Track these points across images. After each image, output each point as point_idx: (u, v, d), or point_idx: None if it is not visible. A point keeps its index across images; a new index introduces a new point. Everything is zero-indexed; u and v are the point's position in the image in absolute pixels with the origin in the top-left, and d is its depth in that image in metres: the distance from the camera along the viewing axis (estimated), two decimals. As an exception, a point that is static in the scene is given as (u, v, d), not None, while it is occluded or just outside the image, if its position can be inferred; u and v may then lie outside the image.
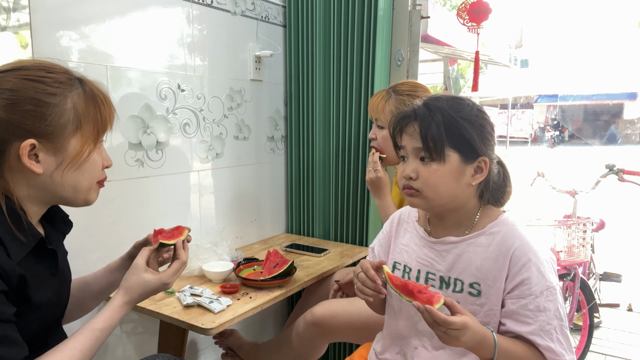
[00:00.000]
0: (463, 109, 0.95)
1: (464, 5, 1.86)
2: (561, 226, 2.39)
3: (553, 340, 0.90)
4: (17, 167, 0.80)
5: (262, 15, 2.05)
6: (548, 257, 0.95)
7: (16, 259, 0.78)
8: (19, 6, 1.24)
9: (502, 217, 0.99)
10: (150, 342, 1.68)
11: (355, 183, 2.04)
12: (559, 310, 0.91)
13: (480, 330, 0.87)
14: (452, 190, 0.96)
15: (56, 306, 0.92)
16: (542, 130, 18.55)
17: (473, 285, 0.97)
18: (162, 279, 0.96)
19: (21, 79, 0.79)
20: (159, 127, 1.64)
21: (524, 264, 0.92)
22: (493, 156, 0.99)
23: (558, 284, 0.94)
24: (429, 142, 0.94)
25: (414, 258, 1.06)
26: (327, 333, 1.52)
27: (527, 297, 0.91)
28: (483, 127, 0.96)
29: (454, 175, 0.95)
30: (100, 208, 1.46)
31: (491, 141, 0.97)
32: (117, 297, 0.92)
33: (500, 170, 1.02)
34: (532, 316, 0.90)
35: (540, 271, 0.91)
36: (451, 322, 0.83)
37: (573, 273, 2.46)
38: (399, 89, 1.57)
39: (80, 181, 0.86)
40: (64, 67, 0.85)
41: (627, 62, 17.67)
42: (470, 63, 9.86)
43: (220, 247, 1.73)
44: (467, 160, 0.95)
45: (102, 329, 0.87)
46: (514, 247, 0.93)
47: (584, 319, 2.55)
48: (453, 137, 0.93)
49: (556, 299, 0.91)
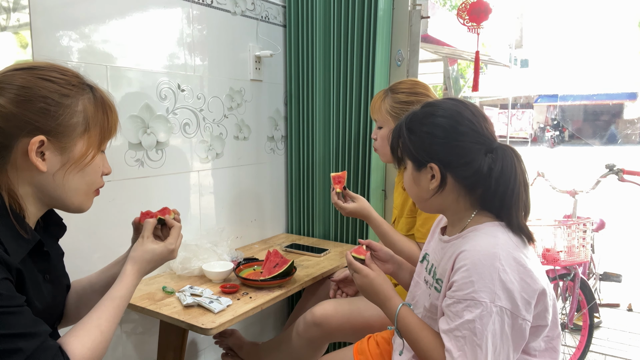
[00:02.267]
0: (412, 119, 1.02)
1: (464, 5, 1.86)
2: (561, 226, 2.39)
3: (459, 347, 0.88)
4: (22, 163, 0.81)
5: (262, 15, 2.05)
6: (498, 275, 0.86)
7: (15, 259, 0.78)
8: (19, 6, 1.24)
9: (486, 223, 0.97)
10: (150, 342, 1.68)
11: (355, 183, 2.04)
12: (474, 325, 0.85)
13: (383, 291, 1.04)
14: (417, 194, 1.05)
15: (52, 310, 0.92)
16: (542, 130, 18.55)
17: (438, 281, 1.02)
18: (168, 245, 0.99)
19: (35, 77, 0.81)
20: (159, 127, 1.64)
21: (458, 267, 0.91)
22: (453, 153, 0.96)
23: (497, 305, 0.85)
24: (394, 149, 1.07)
25: (433, 251, 1.13)
26: (327, 333, 1.52)
27: (451, 298, 0.91)
28: (425, 132, 0.98)
29: (414, 180, 1.04)
30: (100, 208, 1.46)
31: (436, 141, 0.97)
32: (127, 266, 0.95)
33: (491, 169, 0.95)
34: (451, 317, 0.91)
35: (471, 280, 0.87)
36: (356, 266, 1.07)
37: (573, 273, 2.46)
38: (395, 87, 1.57)
39: (80, 184, 0.87)
40: (76, 71, 0.87)
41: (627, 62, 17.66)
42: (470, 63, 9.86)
43: (220, 247, 1.73)
44: (418, 167, 1.01)
45: (120, 296, 0.90)
46: (460, 249, 0.93)
47: (584, 319, 2.55)
48: (404, 146, 1.03)
49: (477, 314, 0.85)
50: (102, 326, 0.84)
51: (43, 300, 0.87)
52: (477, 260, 0.89)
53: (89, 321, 0.84)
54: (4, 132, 0.78)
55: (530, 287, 0.88)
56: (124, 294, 0.91)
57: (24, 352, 0.70)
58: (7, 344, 0.70)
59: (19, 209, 0.81)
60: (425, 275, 1.12)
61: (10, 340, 0.70)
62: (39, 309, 0.84)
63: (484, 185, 0.96)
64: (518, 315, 0.87)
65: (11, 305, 0.72)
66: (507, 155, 0.96)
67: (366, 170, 2.01)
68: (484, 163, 0.95)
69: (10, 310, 0.72)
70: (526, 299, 0.88)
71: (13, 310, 0.72)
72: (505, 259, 0.88)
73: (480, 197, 0.99)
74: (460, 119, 0.97)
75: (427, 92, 1.56)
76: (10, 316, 0.71)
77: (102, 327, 0.84)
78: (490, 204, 0.98)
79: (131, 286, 0.93)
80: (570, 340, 2.61)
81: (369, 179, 2.00)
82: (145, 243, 0.97)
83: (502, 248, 0.90)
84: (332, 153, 2.08)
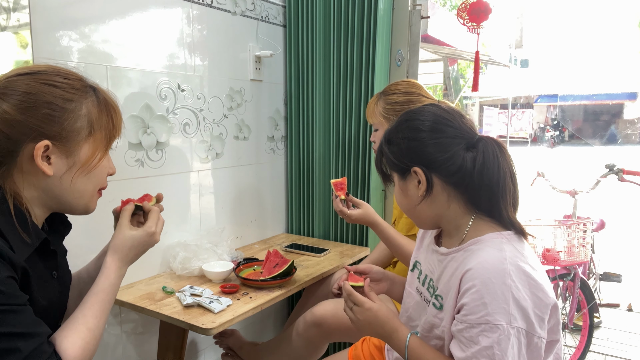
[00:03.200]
0: (389, 129, 1.01)
1: (464, 5, 1.86)
2: (561, 226, 2.39)
3: None
4: (28, 168, 0.81)
5: (262, 15, 2.05)
6: (511, 294, 0.81)
7: (21, 257, 0.78)
8: (19, 6, 1.24)
9: (488, 235, 0.91)
10: (150, 342, 1.68)
11: (355, 183, 2.04)
12: (493, 351, 0.80)
13: (389, 322, 0.95)
14: (408, 207, 1.01)
15: (56, 307, 0.92)
16: (542, 130, 18.56)
17: (437, 297, 0.96)
18: (146, 229, 0.97)
19: (39, 82, 0.81)
20: (159, 127, 1.64)
21: (468, 288, 0.85)
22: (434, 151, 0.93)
23: (515, 326, 0.80)
24: (377, 169, 1.06)
25: (425, 260, 1.08)
26: (327, 333, 1.52)
27: (463, 323, 0.85)
28: (401, 138, 0.97)
29: (402, 193, 1.01)
30: (100, 208, 1.45)
31: (413, 144, 0.95)
32: (106, 258, 0.93)
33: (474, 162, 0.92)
34: (466, 343, 0.84)
35: (483, 302, 0.81)
36: (357, 299, 0.98)
37: (573, 273, 2.46)
38: (388, 90, 1.58)
39: (87, 186, 0.88)
40: (79, 74, 0.88)
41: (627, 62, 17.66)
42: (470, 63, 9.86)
43: (220, 247, 1.73)
44: (403, 175, 0.99)
45: (103, 289, 0.89)
46: (467, 267, 0.87)
47: (584, 319, 2.56)
48: (387, 159, 1.01)
49: (494, 339, 0.80)
50: (90, 323, 0.84)
51: (48, 297, 0.87)
52: (486, 280, 0.82)
53: (75, 320, 0.84)
54: (9, 138, 0.79)
55: (543, 302, 0.84)
56: (106, 287, 0.90)
57: (22, 352, 0.70)
58: (6, 343, 0.70)
59: (25, 212, 0.82)
60: (418, 286, 1.08)
61: (9, 339, 0.70)
62: (43, 306, 0.84)
63: (470, 181, 0.92)
64: (534, 334, 0.82)
65: (13, 303, 0.72)
66: (489, 146, 0.92)
67: (366, 170, 2.01)
68: (467, 157, 0.91)
69: (12, 308, 0.72)
70: (540, 316, 0.83)
71: (14, 309, 0.72)
72: (516, 275, 0.83)
73: (470, 197, 0.94)
74: (436, 118, 0.95)
75: (420, 91, 1.55)
76: (11, 315, 0.72)
77: (90, 324, 0.84)
78: (479, 200, 0.93)
79: (114, 277, 0.92)
80: (570, 340, 2.61)
81: (369, 179, 2.00)
82: (124, 230, 0.96)
83: (510, 262, 0.84)
84: (332, 153, 2.08)
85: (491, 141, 0.94)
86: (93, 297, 0.88)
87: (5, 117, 0.78)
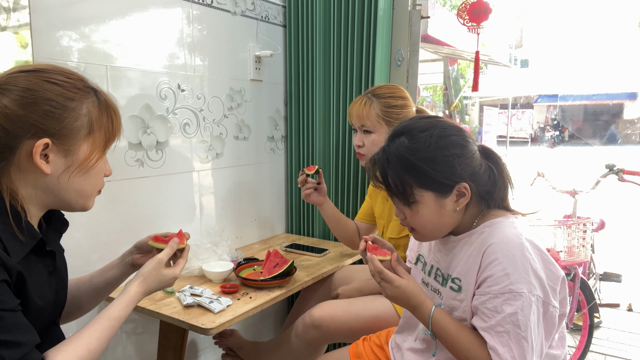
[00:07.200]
0: (419, 148, 0.94)
1: (464, 5, 1.87)
2: (561, 226, 2.39)
3: (503, 343, 0.86)
4: (26, 166, 0.81)
5: (262, 15, 2.05)
6: (530, 265, 0.88)
7: (15, 258, 0.78)
8: (19, 6, 1.24)
9: (499, 218, 0.98)
10: (150, 342, 1.68)
11: (355, 182, 2.04)
12: (517, 317, 0.85)
13: (415, 297, 0.96)
14: (438, 224, 0.98)
15: (54, 306, 0.92)
16: (542, 130, 18.56)
17: (454, 280, 1.00)
18: (175, 274, 1.00)
19: (41, 80, 0.81)
20: (159, 127, 1.64)
21: (491, 261, 0.90)
22: (473, 164, 0.96)
23: (535, 294, 0.87)
24: (394, 190, 0.97)
25: (429, 253, 1.11)
26: (326, 335, 1.51)
27: (486, 294, 0.90)
28: (448, 156, 0.93)
29: (435, 211, 0.96)
30: (100, 208, 1.46)
31: (461, 160, 0.94)
32: (133, 286, 0.94)
33: (487, 167, 0.99)
34: (489, 314, 0.89)
35: (506, 273, 0.87)
36: (387, 276, 0.97)
37: (573, 273, 2.46)
38: (378, 92, 1.60)
39: (85, 186, 0.88)
40: (81, 74, 0.88)
41: (627, 62, 17.66)
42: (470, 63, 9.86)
43: (220, 247, 1.73)
44: (443, 194, 0.95)
45: (117, 317, 0.89)
46: (488, 243, 0.92)
47: (584, 319, 2.55)
48: (418, 180, 0.94)
49: (518, 306, 0.85)
50: (92, 345, 0.83)
51: (45, 296, 0.87)
52: (508, 253, 0.89)
53: (80, 337, 0.83)
54: (8, 133, 0.79)
55: (554, 274, 0.91)
56: (122, 315, 0.90)
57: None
58: None
59: (20, 210, 0.81)
60: (424, 277, 1.12)
61: None
62: (39, 306, 0.84)
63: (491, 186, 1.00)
64: (549, 303, 0.89)
65: (3, 309, 0.71)
66: (491, 152, 1.03)
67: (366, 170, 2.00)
68: (484, 164, 0.99)
69: (1, 314, 0.71)
70: (553, 287, 0.90)
71: (1, 315, 0.71)
72: (532, 249, 0.90)
73: (483, 197, 1.00)
74: (460, 131, 0.99)
75: (405, 94, 1.62)
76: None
77: (92, 345, 0.83)
78: (491, 199, 1.01)
79: (131, 308, 0.93)
80: (570, 340, 2.61)
81: (368, 179, 2.00)
82: (160, 268, 0.98)
83: (525, 238, 0.91)
84: (332, 153, 2.08)
85: (486, 147, 1.03)
86: (105, 320, 0.87)
87: (6, 112, 0.78)
